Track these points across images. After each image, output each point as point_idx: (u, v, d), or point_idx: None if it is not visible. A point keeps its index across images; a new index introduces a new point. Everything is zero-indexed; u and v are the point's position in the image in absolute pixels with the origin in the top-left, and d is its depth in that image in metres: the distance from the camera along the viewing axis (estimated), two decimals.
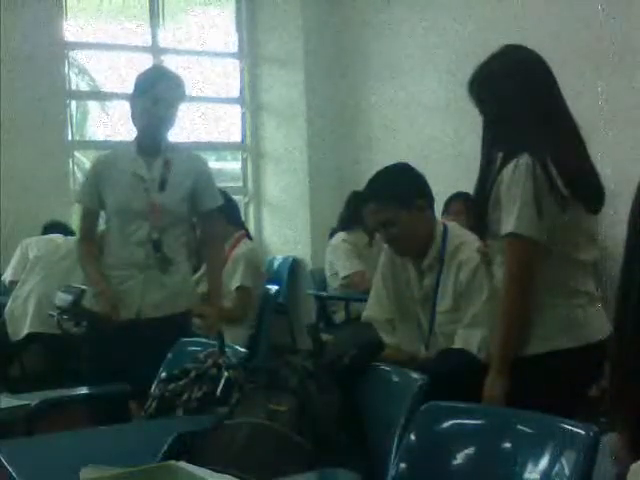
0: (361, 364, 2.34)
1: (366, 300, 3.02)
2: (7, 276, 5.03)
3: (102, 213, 3.29)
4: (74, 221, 5.18)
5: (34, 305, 4.77)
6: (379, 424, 2.16)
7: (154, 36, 6.44)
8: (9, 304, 4.88)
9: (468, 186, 2.81)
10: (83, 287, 3.19)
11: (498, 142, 2.41)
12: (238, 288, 4.45)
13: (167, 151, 3.22)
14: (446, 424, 1.87)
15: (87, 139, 6.70)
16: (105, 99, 6.64)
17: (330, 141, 6.43)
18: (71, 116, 6.29)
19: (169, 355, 2.85)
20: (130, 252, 3.16)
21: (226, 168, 7.27)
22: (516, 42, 2.50)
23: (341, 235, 5.30)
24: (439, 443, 1.85)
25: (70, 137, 6.14)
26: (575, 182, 2.30)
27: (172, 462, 1.70)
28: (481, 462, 1.77)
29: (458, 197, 4.83)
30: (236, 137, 6.92)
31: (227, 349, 2.56)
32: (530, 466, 1.66)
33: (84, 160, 6.30)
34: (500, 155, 2.38)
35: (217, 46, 6.90)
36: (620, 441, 1.59)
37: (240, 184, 6.87)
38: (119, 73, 6.36)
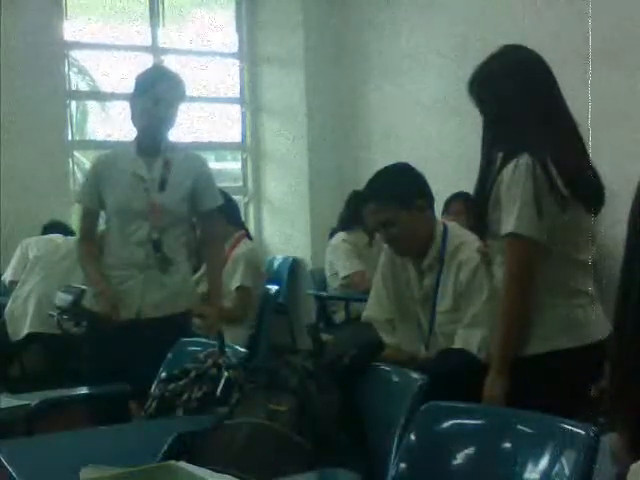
0: (361, 364, 2.34)
1: (366, 300, 3.02)
2: (7, 276, 5.03)
3: (102, 213, 3.29)
4: (74, 221, 5.18)
5: (34, 305, 4.77)
6: (379, 424, 2.16)
7: (154, 36, 6.44)
8: (9, 304, 4.88)
9: (468, 186, 2.81)
10: (83, 287, 3.19)
11: (498, 142, 2.41)
12: (238, 288, 4.45)
13: (167, 151, 3.22)
14: (446, 424, 1.87)
15: (87, 139, 6.70)
16: (105, 99, 6.64)
17: (330, 141, 6.43)
18: (71, 116, 6.29)
19: (169, 355, 2.85)
20: (130, 252, 3.16)
21: (226, 168, 7.28)
22: (516, 42, 2.50)
23: (341, 235, 5.30)
24: (439, 443, 1.85)
25: (70, 137, 6.14)
26: (575, 182, 2.30)
27: (172, 462, 1.70)
28: (481, 462, 1.77)
29: (458, 197, 4.83)
30: (236, 137, 6.92)
31: (227, 349, 2.56)
32: (530, 466, 1.66)
33: (84, 160, 6.30)
34: (500, 155, 2.38)
35: (217, 46, 6.91)
36: (620, 441, 1.59)
37: (240, 184, 6.87)
38: (119, 73, 6.37)
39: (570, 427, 1.64)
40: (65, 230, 5.18)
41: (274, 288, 4.93)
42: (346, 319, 5.15)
